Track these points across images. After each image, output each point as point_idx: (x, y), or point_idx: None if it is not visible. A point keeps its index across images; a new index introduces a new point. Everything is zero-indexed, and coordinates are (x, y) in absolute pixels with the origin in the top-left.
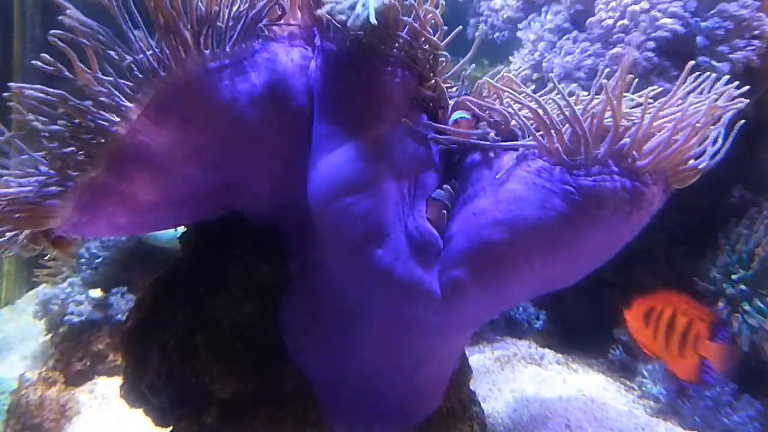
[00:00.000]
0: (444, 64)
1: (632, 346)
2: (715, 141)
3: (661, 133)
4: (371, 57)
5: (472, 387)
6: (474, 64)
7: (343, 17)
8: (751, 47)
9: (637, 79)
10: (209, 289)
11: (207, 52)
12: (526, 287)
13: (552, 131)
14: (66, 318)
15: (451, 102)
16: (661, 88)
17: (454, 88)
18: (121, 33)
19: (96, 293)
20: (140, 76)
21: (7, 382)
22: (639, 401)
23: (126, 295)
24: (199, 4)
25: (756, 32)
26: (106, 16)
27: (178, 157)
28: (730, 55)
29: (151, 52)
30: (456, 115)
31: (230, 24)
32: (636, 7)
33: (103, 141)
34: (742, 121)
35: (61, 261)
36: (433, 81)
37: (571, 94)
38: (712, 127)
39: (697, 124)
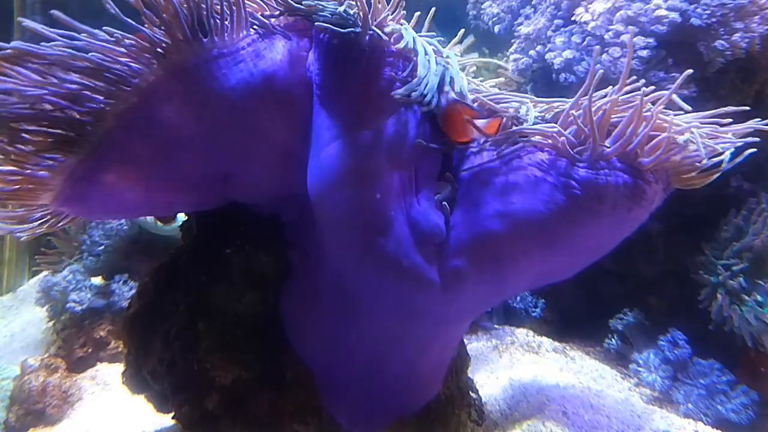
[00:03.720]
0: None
1: (628, 335)
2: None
3: (665, 134)
4: (368, 48)
5: (470, 374)
6: (477, 53)
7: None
8: (753, 32)
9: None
10: (211, 278)
11: (205, 40)
12: (524, 278)
13: (557, 125)
14: (68, 305)
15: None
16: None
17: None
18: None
19: (98, 281)
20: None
21: (10, 368)
22: (635, 389)
23: (128, 283)
24: None
25: (756, 17)
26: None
27: (174, 142)
28: (731, 39)
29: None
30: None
31: (227, 13)
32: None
33: (95, 123)
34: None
35: (62, 248)
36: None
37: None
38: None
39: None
